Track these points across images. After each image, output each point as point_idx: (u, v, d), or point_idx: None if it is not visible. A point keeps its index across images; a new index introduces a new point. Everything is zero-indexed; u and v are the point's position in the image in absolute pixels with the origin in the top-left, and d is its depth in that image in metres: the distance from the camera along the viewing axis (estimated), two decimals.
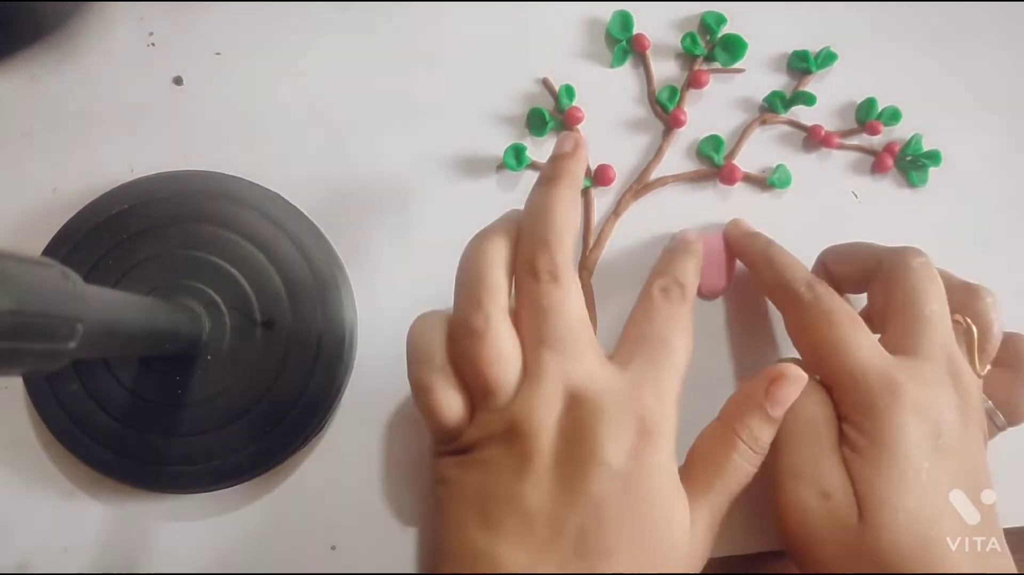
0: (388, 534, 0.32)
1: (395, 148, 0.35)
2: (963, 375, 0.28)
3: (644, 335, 0.28)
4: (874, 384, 0.27)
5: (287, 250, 0.32)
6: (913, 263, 0.29)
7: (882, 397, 0.27)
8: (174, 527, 0.32)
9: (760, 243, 0.33)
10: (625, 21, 0.36)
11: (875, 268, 0.31)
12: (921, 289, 0.29)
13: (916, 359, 0.28)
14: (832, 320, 0.29)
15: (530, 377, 0.26)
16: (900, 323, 0.29)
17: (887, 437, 0.27)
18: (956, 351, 0.28)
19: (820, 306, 0.29)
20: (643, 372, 0.27)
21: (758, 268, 0.32)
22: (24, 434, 0.32)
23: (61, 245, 0.32)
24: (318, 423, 0.31)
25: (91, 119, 0.34)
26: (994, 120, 0.37)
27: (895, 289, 0.29)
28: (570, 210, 0.28)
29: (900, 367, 0.28)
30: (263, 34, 0.35)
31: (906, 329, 0.29)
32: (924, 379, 0.27)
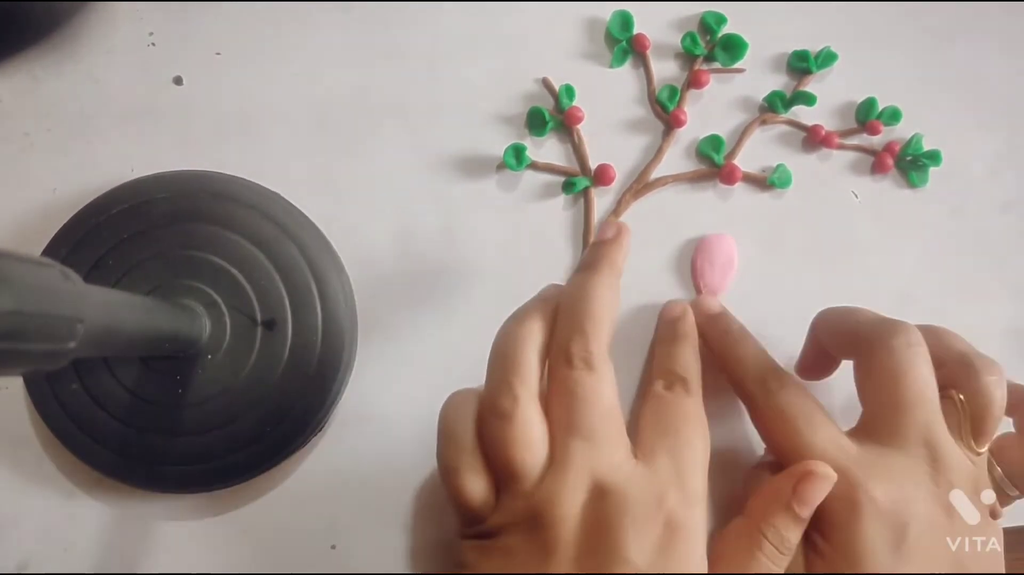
0: (388, 534, 0.32)
1: (395, 148, 0.35)
2: (946, 460, 0.27)
3: (661, 430, 0.27)
4: (834, 489, 0.27)
5: (287, 250, 0.32)
6: (894, 344, 0.28)
7: (838, 505, 0.27)
8: (174, 527, 0.32)
9: (718, 332, 0.32)
10: (625, 21, 0.36)
11: (860, 344, 0.29)
12: (900, 373, 0.27)
13: (887, 449, 0.27)
14: (785, 419, 0.28)
15: (556, 465, 0.25)
16: (876, 408, 0.28)
17: (846, 547, 0.26)
18: (939, 436, 0.27)
19: (774, 406, 0.29)
20: (667, 467, 0.26)
21: (717, 359, 0.32)
22: (24, 434, 0.32)
23: (61, 245, 0.32)
24: (318, 423, 0.31)
25: (91, 119, 0.34)
26: (994, 120, 0.37)
27: (874, 370, 0.28)
28: (609, 298, 0.27)
29: (862, 464, 0.27)
30: (263, 34, 0.35)
31: (881, 415, 0.28)
32: (890, 474, 0.27)
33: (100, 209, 0.32)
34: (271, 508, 0.32)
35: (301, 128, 0.35)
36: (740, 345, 0.31)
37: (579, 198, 0.35)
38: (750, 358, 0.31)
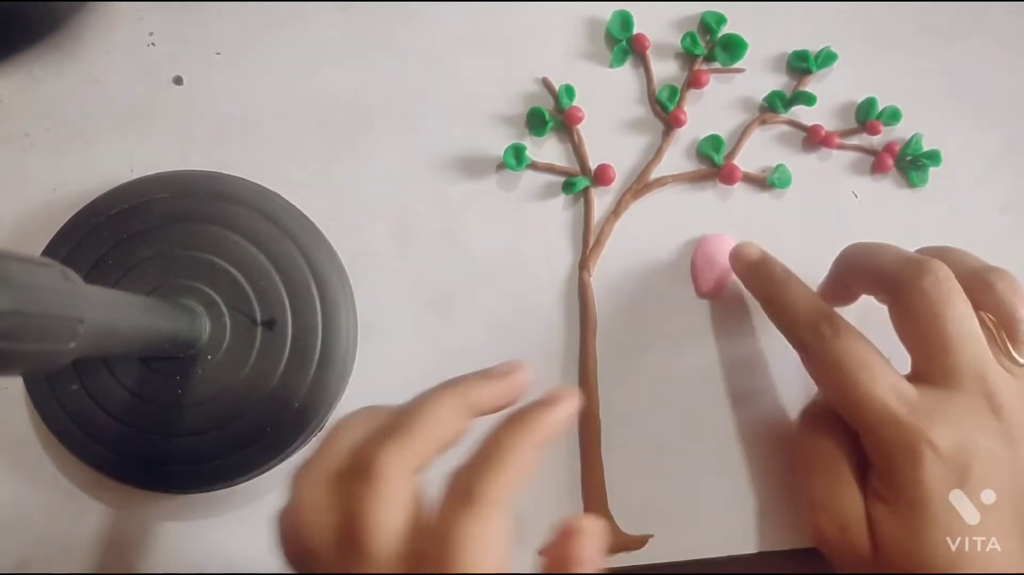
0: None
1: (395, 148, 0.35)
2: (1000, 391, 0.27)
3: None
4: (892, 439, 0.27)
5: (287, 250, 0.32)
6: (925, 285, 0.27)
7: (900, 454, 0.27)
8: (174, 527, 0.32)
9: (762, 279, 0.32)
10: (625, 21, 0.36)
11: (888, 286, 0.29)
12: (938, 314, 0.27)
13: (944, 391, 0.27)
14: (842, 369, 0.28)
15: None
16: (924, 352, 0.28)
17: (908, 492, 0.27)
18: (988, 367, 0.27)
19: (828, 355, 0.28)
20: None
21: (764, 307, 0.32)
22: (24, 434, 0.32)
23: (61, 245, 0.32)
24: (318, 423, 0.31)
25: (91, 119, 0.34)
26: (994, 120, 0.37)
27: (911, 315, 0.28)
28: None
29: (921, 411, 0.27)
30: (263, 34, 0.35)
31: (931, 358, 0.28)
32: (951, 417, 0.27)
33: (100, 209, 0.32)
34: (271, 508, 0.32)
35: (301, 128, 0.35)
36: (787, 290, 0.30)
37: (579, 198, 0.35)
38: (799, 303, 0.30)
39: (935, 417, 0.27)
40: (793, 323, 0.30)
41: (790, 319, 0.30)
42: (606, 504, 0.32)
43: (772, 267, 0.31)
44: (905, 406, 0.27)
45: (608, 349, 0.34)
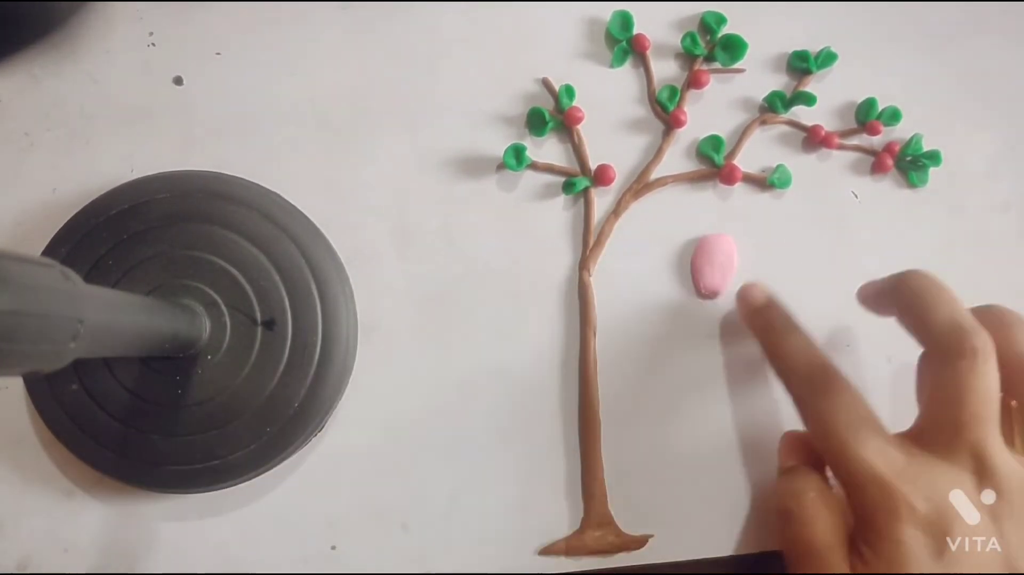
0: (388, 534, 0.32)
1: (395, 148, 0.35)
2: (995, 468, 0.27)
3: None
4: (875, 500, 0.27)
5: (287, 250, 0.32)
6: (961, 366, 0.27)
7: (882, 515, 0.27)
8: (174, 527, 0.32)
9: (764, 325, 0.32)
10: (625, 21, 0.36)
11: (928, 345, 0.29)
12: (961, 395, 0.27)
13: (934, 459, 0.27)
14: (833, 426, 0.28)
15: None
16: (932, 419, 0.28)
17: (888, 553, 0.27)
18: (990, 447, 0.27)
19: (822, 411, 0.28)
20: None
21: (764, 353, 0.32)
22: (24, 434, 0.32)
23: (61, 245, 0.32)
24: (318, 423, 0.31)
25: (91, 119, 0.34)
26: (994, 120, 0.37)
27: (936, 382, 0.28)
28: None
29: (906, 476, 0.27)
30: (263, 34, 0.35)
31: (935, 428, 0.28)
32: (933, 485, 0.27)
33: (100, 209, 0.32)
34: (271, 508, 0.32)
35: (301, 128, 0.35)
36: (787, 340, 0.31)
37: (579, 198, 0.35)
38: (798, 355, 0.30)
39: (920, 483, 0.27)
40: (790, 374, 0.30)
41: (787, 370, 0.30)
42: (606, 504, 0.32)
43: (775, 314, 0.32)
44: (891, 470, 0.27)
45: (608, 349, 0.34)
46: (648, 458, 0.33)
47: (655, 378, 0.34)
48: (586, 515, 0.32)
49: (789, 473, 0.30)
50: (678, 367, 0.34)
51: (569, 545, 0.32)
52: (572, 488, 0.33)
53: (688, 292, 0.35)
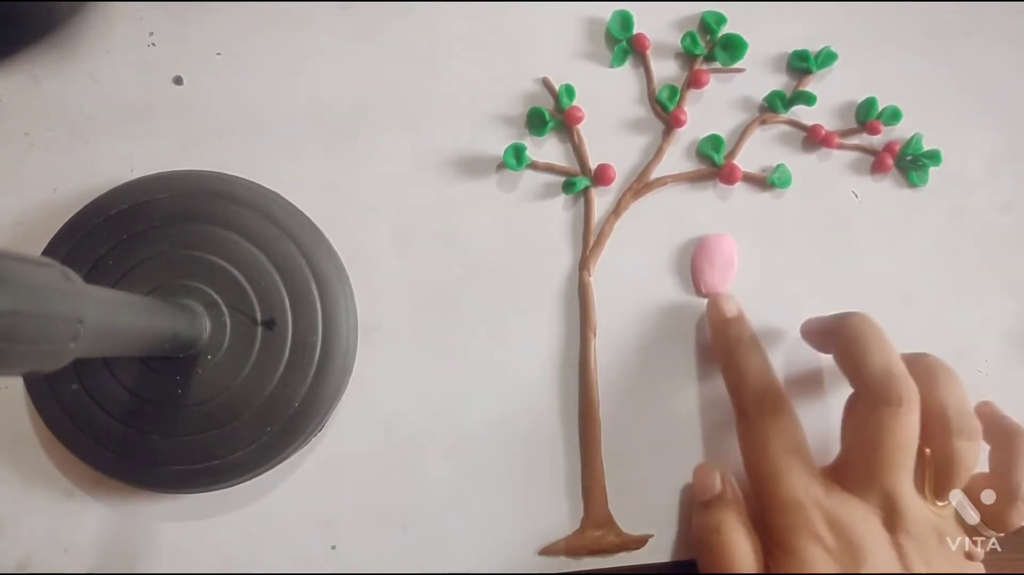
0: (388, 534, 0.32)
1: (395, 148, 0.35)
2: (903, 511, 0.28)
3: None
4: (790, 520, 0.29)
5: (287, 250, 0.32)
6: (883, 412, 0.28)
7: (794, 534, 0.28)
8: (174, 527, 0.32)
9: (729, 338, 0.32)
10: (625, 21, 0.36)
11: (858, 387, 0.30)
12: (879, 440, 0.28)
13: (849, 496, 0.29)
14: (767, 448, 0.30)
15: None
16: (850, 457, 0.30)
17: (793, 569, 0.28)
18: (901, 490, 0.29)
19: (761, 430, 0.30)
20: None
21: (720, 364, 0.33)
22: (24, 434, 0.32)
23: (61, 245, 0.32)
24: (318, 423, 0.31)
25: (91, 119, 0.34)
26: (994, 120, 0.37)
27: (858, 425, 0.30)
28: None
29: (822, 505, 0.29)
30: (263, 34, 0.35)
31: (853, 467, 0.30)
32: (846, 519, 0.28)
33: (100, 209, 0.32)
34: (271, 508, 0.32)
35: (301, 128, 0.35)
36: (747, 356, 0.32)
37: (579, 198, 0.35)
38: (753, 374, 0.31)
39: (832, 517, 0.29)
40: (741, 390, 0.31)
41: (739, 384, 0.31)
42: (606, 504, 0.32)
43: (743, 329, 0.33)
44: (809, 498, 0.29)
45: (608, 349, 0.34)
46: (648, 458, 0.33)
47: (655, 378, 0.34)
48: (586, 515, 0.32)
49: (705, 506, 0.31)
50: (678, 367, 0.34)
51: (569, 545, 0.32)
52: (572, 488, 0.33)
53: (688, 292, 0.35)
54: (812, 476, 0.29)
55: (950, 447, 0.29)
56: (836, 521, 0.28)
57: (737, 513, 0.30)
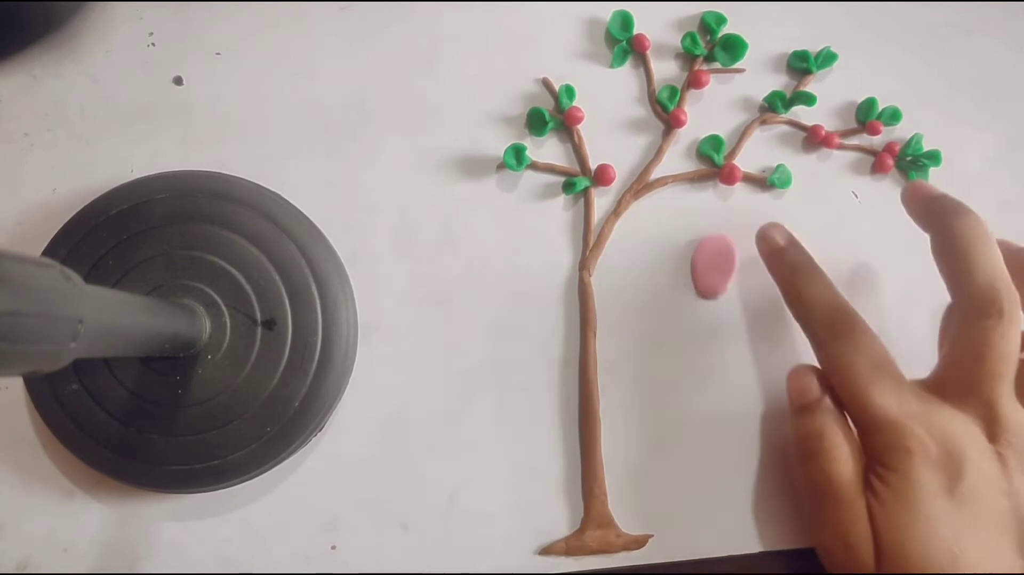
0: (388, 534, 0.32)
1: (395, 148, 0.35)
2: (1004, 421, 0.28)
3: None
4: (888, 440, 0.28)
5: (287, 250, 0.32)
6: (986, 324, 0.28)
7: (895, 452, 0.28)
8: (174, 527, 0.32)
9: (785, 267, 0.32)
10: (625, 21, 0.36)
11: (960, 302, 0.29)
12: (979, 351, 0.28)
13: (947, 406, 0.28)
14: (851, 370, 0.29)
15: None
16: (950, 371, 0.29)
17: (901, 489, 0.28)
18: (1002, 401, 0.28)
19: (840, 352, 0.29)
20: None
21: (784, 295, 0.32)
22: (24, 434, 0.32)
23: (61, 245, 0.32)
24: (318, 423, 0.31)
25: (91, 119, 0.34)
26: (994, 120, 0.37)
27: (959, 338, 0.29)
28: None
29: (919, 419, 0.28)
30: (263, 34, 0.35)
31: (953, 376, 0.29)
32: (946, 430, 0.28)
33: (100, 209, 0.32)
34: (271, 508, 0.32)
35: (301, 128, 0.35)
36: (808, 282, 0.31)
37: (579, 198, 0.35)
38: (818, 297, 0.30)
39: (932, 427, 0.28)
40: (809, 317, 0.31)
41: (807, 312, 0.31)
42: (606, 504, 0.32)
43: (797, 256, 0.32)
44: (905, 412, 0.28)
45: (608, 349, 0.34)
46: (648, 458, 0.33)
47: (655, 378, 0.34)
48: (586, 515, 0.32)
49: (805, 411, 0.30)
50: (678, 367, 0.34)
51: (569, 545, 0.32)
52: (572, 488, 0.33)
53: (688, 292, 0.35)
54: (903, 390, 0.29)
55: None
56: (936, 431, 0.28)
57: (837, 416, 0.30)
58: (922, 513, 0.27)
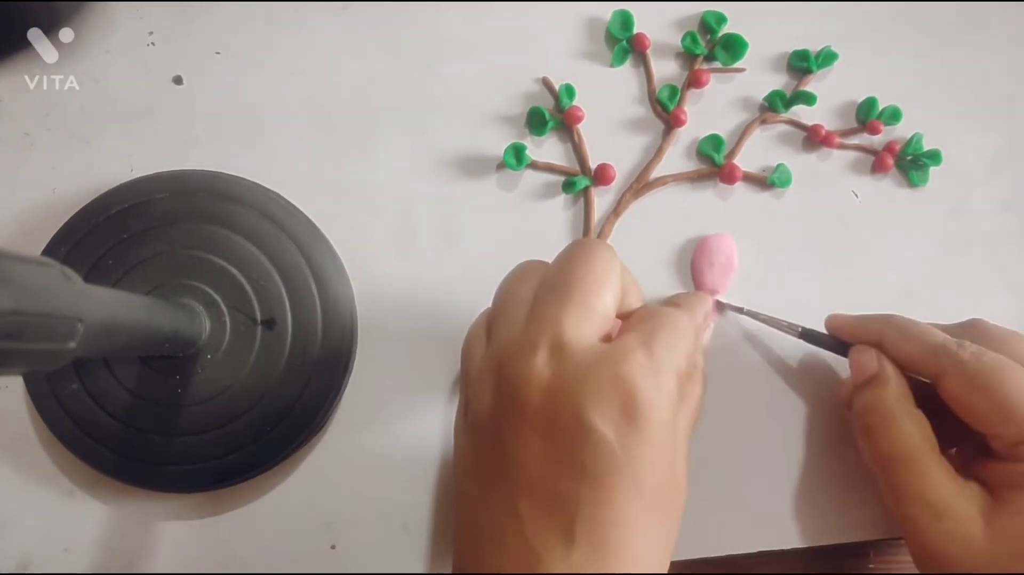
0: (388, 534, 0.32)
1: (395, 148, 0.35)
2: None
3: (637, 319, 0.26)
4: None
5: (287, 250, 0.32)
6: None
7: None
8: (174, 527, 0.32)
9: (877, 328, 0.31)
10: (625, 20, 0.36)
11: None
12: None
13: None
14: (1007, 374, 0.27)
15: (527, 317, 0.25)
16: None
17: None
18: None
19: (985, 366, 0.28)
20: (633, 339, 0.25)
21: (891, 345, 0.30)
22: (24, 434, 0.32)
23: (61, 245, 0.32)
24: (318, 423, 0.31)
25: (91, 119, 0.34)
26: (994, 120, 0.37)
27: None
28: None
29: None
30: (263, 34, 0.35)
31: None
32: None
33: (100, 209, 0.32)
34: (271, 508, 0.32)
35: (301, 128, 0.35)
36: (913, 324, 0.31)
37: (579, 198, 0.35)
38: (930, 331, 0.30)
39: None
40: (931, 346, 0.29)
41: (921, 344, 0.30)
42: None
43: (882, 320, 0.31)
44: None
45: None
46: None
47: None
48: None
49: (864, 387, 0.30)
50: None
51: None
52: None
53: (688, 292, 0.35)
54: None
55: None
56: None
57: (898, 389, 0.29)
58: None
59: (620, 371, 0.23)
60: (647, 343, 0.25)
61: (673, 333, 0.25)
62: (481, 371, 0.26)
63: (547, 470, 0.23)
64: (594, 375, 0.23)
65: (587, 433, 0.23)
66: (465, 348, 0.27)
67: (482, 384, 0.25)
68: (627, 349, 0.24)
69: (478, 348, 0.27)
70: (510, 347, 0.25)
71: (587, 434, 0.23)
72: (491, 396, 0.25)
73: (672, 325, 0.26)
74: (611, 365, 0.24)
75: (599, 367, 0.24)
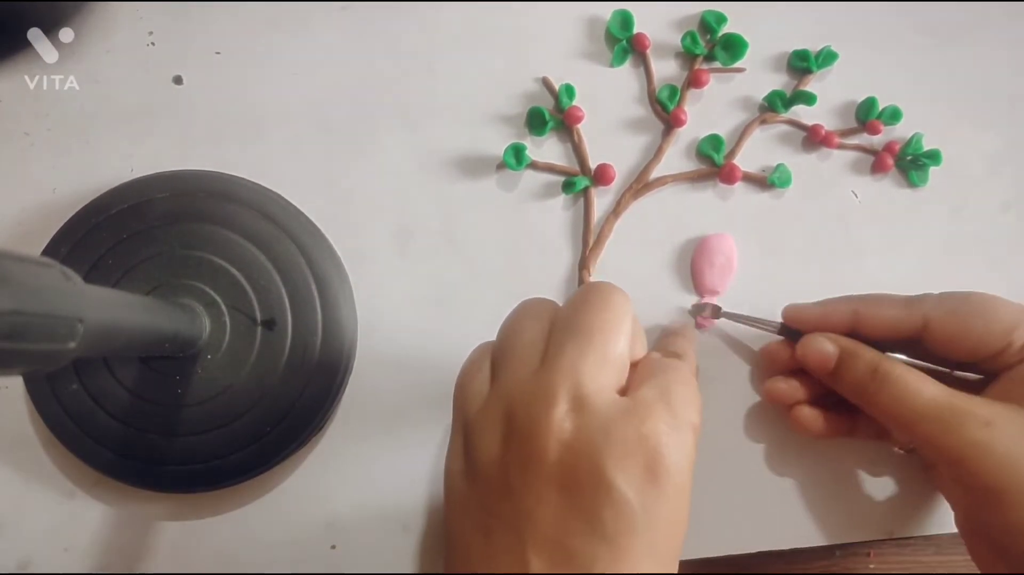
0: (388, 534, 0.32)
1: (395, 148, 0.35)
2: None
3: (649, 373, 0.26)
4: None
5: (287, 250, 0.32)
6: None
7: None
8: (174, 527, 0.32)
9: (847, 306, 0.31)
10: (625, 20, 0.36)
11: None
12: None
13: None
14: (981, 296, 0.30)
15: (543, 362, 0.24)
16: None
17: None
18: None
19: (960, 298, 0.30)
20: (653, 395, 0.24)
21: (868, 315, 0.31)
22: (24, 434, 0.32)
23: (61, 245, 0.32)
24: (318, 423, 0.31)
25: (91, 119, 0.34)
26: (994, 119, 0.37)
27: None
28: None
29: None
30: (263, 34, 0.35)
31: None
32: None
33: (100, 209, 0.32)
34: (271, 508, 0.32)
35: (301, 128, 0.35)
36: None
37: (579, 198, 0.35)
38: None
39: None
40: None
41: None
42: None
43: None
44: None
45: None
46: None
47: None
48: None
49: (842, 367, 0.30)
50: None
51: None
52: None
53: (688, 292, 0.35)
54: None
55: None
56: None
57: (872, 351, 0.29)
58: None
59: (644, 430, 0.23)
60: (666, 399, 0.24)
61: (687, 388, 0.25)
62: (486, 414, 0.25)
63: (562, 525, 0.23)
64: (618, 432, 0.23)
65: (608, 491, 0.22)
66: (461, 385, 0.26)
67: (488, 429, 0.24)
68: (648, 406, 0.24)
69: (478, 387, 0.26)
70: (523, 394, 0.24)
71: (608, 492, 0.22)
72: (499, 443, 0.24)
73: (686, 379, 0.26)
74: (635, 423, 0.23)
75: (622, 424, 0.23)
